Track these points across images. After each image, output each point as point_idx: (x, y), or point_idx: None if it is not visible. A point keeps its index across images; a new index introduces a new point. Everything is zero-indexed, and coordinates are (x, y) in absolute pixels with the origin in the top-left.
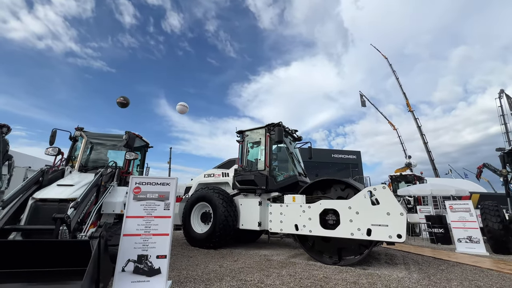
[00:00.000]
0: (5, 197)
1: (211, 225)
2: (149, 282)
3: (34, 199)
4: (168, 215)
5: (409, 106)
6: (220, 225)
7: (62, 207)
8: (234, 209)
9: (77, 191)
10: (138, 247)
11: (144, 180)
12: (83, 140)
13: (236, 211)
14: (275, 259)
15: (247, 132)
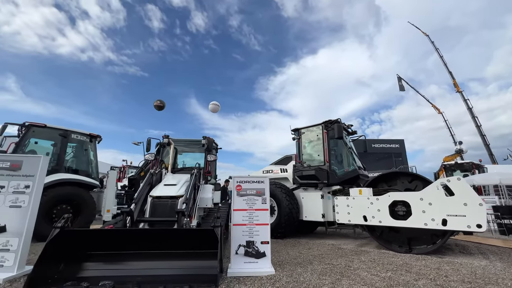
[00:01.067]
0: (135, 195)
1: (276, 217)
2: (258, 263)
3: (152, 196)
4: (266, 208)
5: (457, 86)
6: (285, 217)
7: (173, 203)
8: (296, 202)
9: (181, 189)
10: (245, 234)
11: (243, 179)
12: (171, 146)
13: (298, 204)
14: (345, 247)
15: (303, 129)
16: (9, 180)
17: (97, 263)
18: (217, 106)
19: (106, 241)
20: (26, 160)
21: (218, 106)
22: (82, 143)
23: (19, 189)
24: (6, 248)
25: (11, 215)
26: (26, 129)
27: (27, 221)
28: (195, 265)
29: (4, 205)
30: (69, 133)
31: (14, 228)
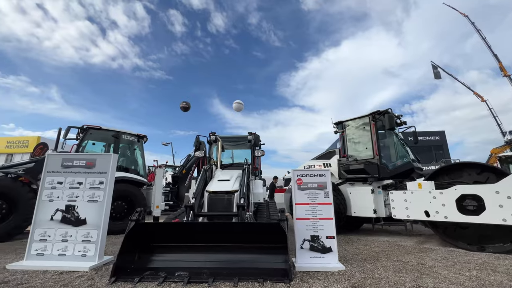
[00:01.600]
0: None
1: None
2: (324, 258)
3: (208, 192)
4: (329, 202)
5: (504, 69)
6: None
7: (229, 198)
8: (343, 198)
9: (235, 184)
10: (310, 229)
11: (304, 173)
12: (218, 142)
13: (345, 200)
14: (404, 244)
15: (347, 122)
16: (85, 177)
17: (171, 255)
18: (241, 104)
19: (177, 234)
20: (99, 158)
21: (242, 105)
22: (131, 143)
23: (94, 185)
24: (87, 239)
25: (89, 209)
26: (84, 131)
27: (104, 215)
28: (264, 259)
29: (83, 200)
30: (120, 134)
31: (93, 221)
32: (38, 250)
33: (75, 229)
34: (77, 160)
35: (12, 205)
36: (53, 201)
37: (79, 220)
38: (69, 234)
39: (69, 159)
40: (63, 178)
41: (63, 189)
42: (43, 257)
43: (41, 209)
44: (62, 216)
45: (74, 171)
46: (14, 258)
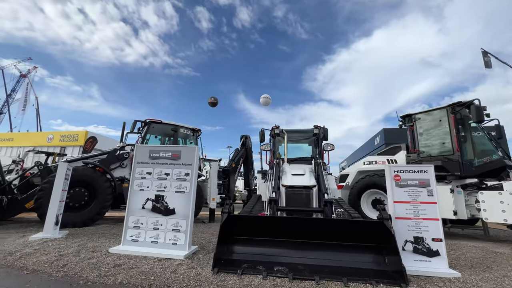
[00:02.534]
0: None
1: None
2: (431, 262)
3: (285, 186)
4: (434, 201)
5: None
6: None
7: (307, 193)
8: None
9: (311, 179)
10: (412, 229)
11: (402, 168)
12: (285, 136)
13: None
14: (502, 251)
15: (418, 115)
16: (172, 168)
17: (262, 249)
18: (268, 99)
19: (269, 228)
20: (183, 150)
21: (269, 99)
22: (187, 136)
23: (181, 176)
24: (177, 229)
25: (177, 200)
26: (147, 125)
27: (191, 206)
28: (366, 259)
29: (171, 191)
30: (178, 127)
31: (181, 211)
32: (132, 236)
33: (165, 218)
34: (163, 152)
35: (92, 193)
36: (143, 190)
37: (168, 209)
38: (160, 223)
39: (156, 150)
40: (151, 169)
41: (152, 180)
42: (138, 243)
43: (133, 198)
44: (153, 206)
45: (161, 162)
46: (108, 242)
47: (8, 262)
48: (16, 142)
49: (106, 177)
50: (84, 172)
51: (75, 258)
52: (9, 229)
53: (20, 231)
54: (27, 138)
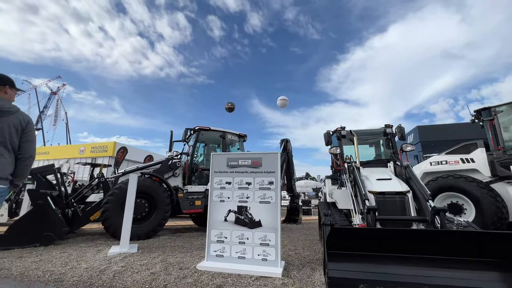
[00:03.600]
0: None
1: (474, 218)
2: None
3: (373, 192)
4: None
5: None
6: (494, 218)
7: (401, 199)
8: (502, 199)
9: (401, 183)
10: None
11: None
12: (354, 137)
13: (504, 201)
14: None
15: (500, 107)
16: (254, 177)
17: (381, 265)
18: (285, 101)
19: (378, 241)
20: (264, 157)
21: (286, 101)
22: (234, 142)
23: (264, 185)
24: (265, 243)
25: (262, 211)
26: (196, 132)
27: (278, 217)
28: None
29: (255, 201)
30: (226, 133)
31: (268, 223)
32: (217, 252)
33: (250, 231)
34: (242, 159)
35: (152, 203)
36: (224, 201)
37: (254, 221)
38: (246, 236)
39: (234, 158)
40: (231, 178)
41: (233, 190)
42: (223, 259)
43: (213, 210)
44: (236, 218)
45: (241, 170)
46: (189, 258)
47: (105, 282)
48: (52, 155)
49: (164, 187)
50: (144, 183)
51: (169, 277)
52: (78, 242)
53: (91, 245)
54: (61, 151)
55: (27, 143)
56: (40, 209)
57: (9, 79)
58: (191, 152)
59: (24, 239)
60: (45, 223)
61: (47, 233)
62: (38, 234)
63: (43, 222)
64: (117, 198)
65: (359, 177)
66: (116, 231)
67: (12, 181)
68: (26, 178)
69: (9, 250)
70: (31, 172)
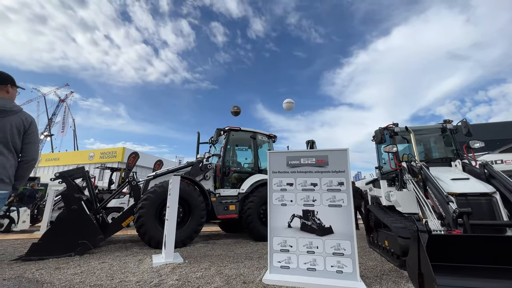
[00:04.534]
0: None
1: None
2: None
3: (454, 194)
4: None
5: None
6: None
7: (488, 201)
8: None
9: (484, 184)
10: None
11: None
12: (411, 134)
13: None
14: None
15: None
16: (320, 177)
17: (498, 281)
18: (291, 103)
19: (482, 251)
20: (331, 155)
21: (292, 104)
22: (264, 143)
23: (332, 187)
24: (340, 252)
25: (333, 215)
26: (226, 133)
27: (352, 222)
28: None
29: (323, 204)
30: (257, 134)
31: (341, 229)
32: (281, 262)
33: (320, 239)
34: (304, 158)
35: (187, 209)
36: (286, 205)
37: (323, 228)
38: (315, 245)
39: (295, 156)
40: (293, 179)
41: (295, 192)
42: (289, 271)
43: (274, 214)
44: (302, 223)
45: (304, 170)
46: (248, 269)
47: None
48: (62, 161)
49: (198, 191)
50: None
51: None
52: (112, 250)
53: (128, 253)
54: (71, 157)
55: (30, 145)
56: (75, 215)
57: (10, 78)
58: (222, 154)
59: (58, 247)
60: (79, 230)
61: (82, 241)
62: (72, 242)
63: (77, 229)
64: (152, 203)
65: (429, 177)
66: (152, 238)
67: (14, 185)
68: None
69: (43, 260)
70: (61, 175)
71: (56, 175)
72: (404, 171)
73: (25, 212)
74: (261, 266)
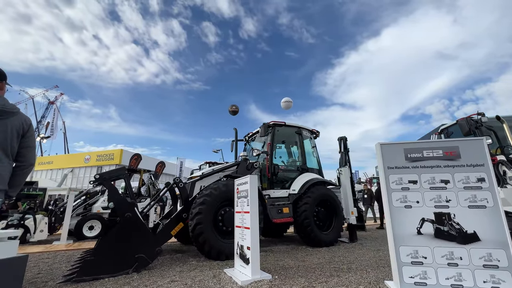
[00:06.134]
0: None
1: None
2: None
3: None
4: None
5: None
6: None
7: None
8: None
9: None
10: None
11: None
12: (504, 124)
13: None
14: None
15: None
16: (451, 173)
17: None
18: (289, 102)
19: None
20: (462, 145)
21: (290, 103)
22: (306, 139)
23: (470, 183)
24: (493, 264)
25: (475, 219)
26: (271, 128)
27: (505, 226)
28: None
29: (460, 205)
30: (302, 129)
31: (489, 235)
32: (415, 278)
33: (463, 248)
34: (428, 150)
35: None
36: (411, 207)
37: (466, 234)
38: (457, 255)
39: (416, 148)
40: (416, 176)
41: (421, 191)
42: None
43: (397, 219)
44: (436, 229)
45: (429, 164)
46: (357, 285)
47: None
48: (56, 164)
49: None
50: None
51: None
52: (166, 264)
53: (190, 268)
54: (65, 160)
55: (28, 150)
56: (129, 224)
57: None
58: (270, 151)
59: (112, 264)
60: (135, 243)
61: (139, 255)
62: (128, 257)
63: (132, 241)
64: (211, 207)
65: None
66: (213, 248)
67: (7, 192)
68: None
69: (98, 280)
70: (101, 177)
71: (96, 177)
72: (503, 165)
73: (43, 220)
74: (369, 281)
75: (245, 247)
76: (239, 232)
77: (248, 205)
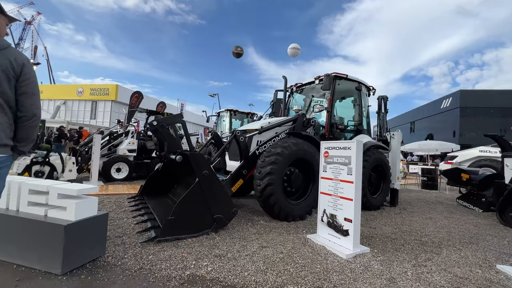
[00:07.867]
0: None
1: None
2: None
3: None
4: None
5: None
6: None
7: None
8: None
9: None
10: None
11: None
12: None
13: None
14: None
15: None
16: None
17: None
18: (297, 50)
19: None
20: None
21: (298, 50)
22: (366, 97)
23: None
24: None
25: None
26: (332, 80)
27: None
28: None
29: None
30: (361, 85)
31: None
32: None
33: None
34: None
35: (307, 175)
36: None
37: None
38: None
39: None
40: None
41: None
42: None
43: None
44: None
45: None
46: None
47: None
48: (46, 95)
49: None
50: (303, 146)
51: None
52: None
53: (261, 230)
54: (57, 91)
55: (25, 97)
56: (206, 182)
57: None
58: (330, 107)
59: (192, 224)
60: (213, 202)
61: (217, 215)
62: (206, 217)
63: (210, 200)
64: (282, 168)
65: None
66: (282, 210)
67: (16, 147)
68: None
69: (181, 240)
70: (160, 123)
71: (154, 123)
72: None
73: (70, 160)
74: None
75: (339, 217)
76: (328, 200)
77: (349, 174)
